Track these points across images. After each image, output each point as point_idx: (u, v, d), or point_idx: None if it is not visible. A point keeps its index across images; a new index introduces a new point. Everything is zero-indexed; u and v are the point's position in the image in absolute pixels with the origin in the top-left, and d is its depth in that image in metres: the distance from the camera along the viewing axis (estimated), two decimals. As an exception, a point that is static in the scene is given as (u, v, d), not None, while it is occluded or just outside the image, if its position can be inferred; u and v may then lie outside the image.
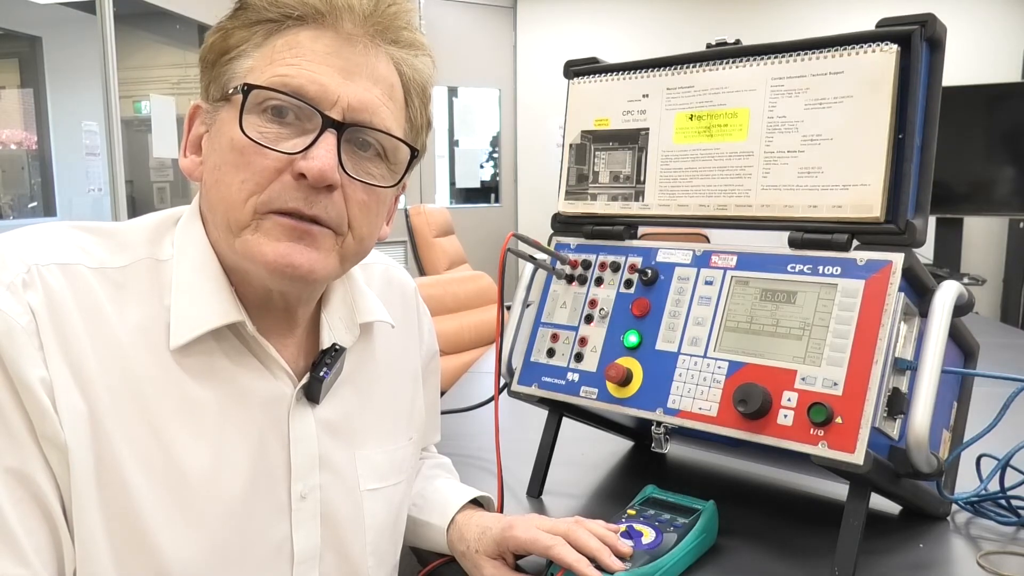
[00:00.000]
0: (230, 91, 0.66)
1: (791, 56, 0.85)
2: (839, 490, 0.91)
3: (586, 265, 0.97)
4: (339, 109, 0.65)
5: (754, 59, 0.87)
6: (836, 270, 0.80)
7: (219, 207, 0.66)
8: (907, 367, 0.78)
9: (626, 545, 0.77)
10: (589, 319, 0.94)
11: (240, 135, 0.64)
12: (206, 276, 0.67)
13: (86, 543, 0.60)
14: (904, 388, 0.78)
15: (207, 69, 0.69)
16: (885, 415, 0.76)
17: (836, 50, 0.82)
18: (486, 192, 6.05)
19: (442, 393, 1.56)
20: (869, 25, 0.81)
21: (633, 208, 0.97)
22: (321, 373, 0.72)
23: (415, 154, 0.72)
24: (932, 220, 2.51)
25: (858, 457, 0.72)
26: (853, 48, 0.81)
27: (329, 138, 0.64)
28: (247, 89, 0.64)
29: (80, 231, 0.67)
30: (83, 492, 0.59)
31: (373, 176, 0.68)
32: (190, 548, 0.63)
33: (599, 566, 0.73)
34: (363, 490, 0.77)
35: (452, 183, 6.02)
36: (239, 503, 0.67)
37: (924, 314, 0.79)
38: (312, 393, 0.72)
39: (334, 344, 0.74)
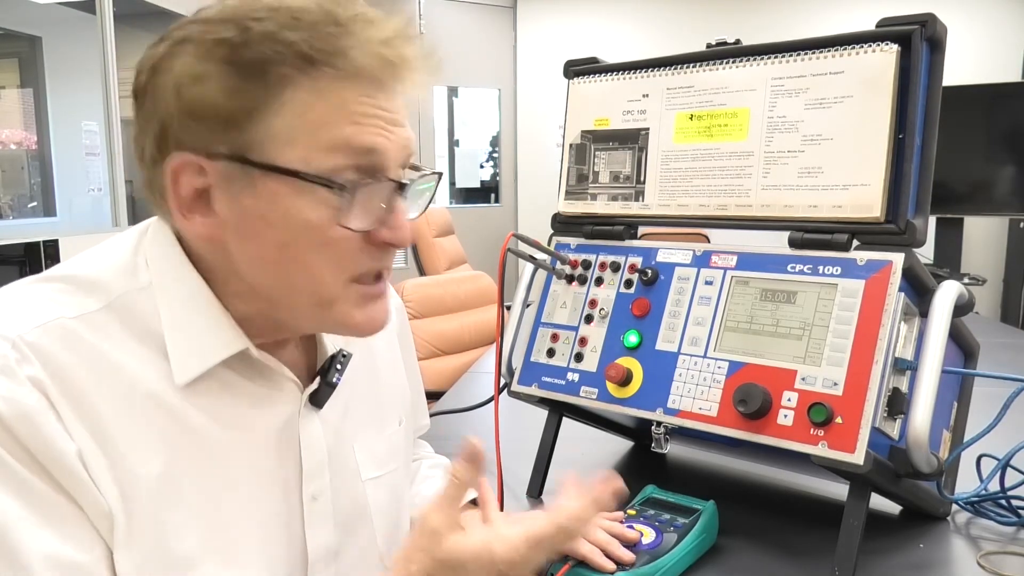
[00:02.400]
0: (301, 174, 0.59)
1: (791, 56, 0.85)
2: (839, 490, 0.91)
3: (586, 265, 0.97)
4: (398, 168, 0.64)
5: (754, 59, 0.87)
6: (836, 270, 0.80)
7: (303, 287, 0.63)
8: (907, 367, 0.78)
9: (633, 532, 0.78)
10: (589, 319, 0.94)
11: (314, 213, 0.60)
12: (198, 307, 0.64)
13: None
14: (904, 388, 0.78)
15: (208, 127, 0.59)
16: (885, 415, 0.76)
17: (836, 50, 0.82)
18: (486, 192, 6.04)
19: (442, 393, 1.56)
20: (869, 25, 0.81)
21: (633, 208, 0.97)
22: (334, 379, 0.72)
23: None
24: (932, 220, 2.50)
25: (858, 457, 0.72)
26: (853, 48, 0.81)
27: (401, 201, 0.64)
28: (352, 187, 0.60)
29: (44, 283, 0.62)
30: (119, 550, 0.58)
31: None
32: (217, 567, 0.63)
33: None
34: (365, 480, 0.77)
35: (452, 183, 6.01)
36: (254, 514, 0.66)
37: (924, 314, 0.79)
38: (319, 399, 0.72)
39: (341, 350, 0.74)
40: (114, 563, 0.58)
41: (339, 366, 0.73)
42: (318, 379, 0.72)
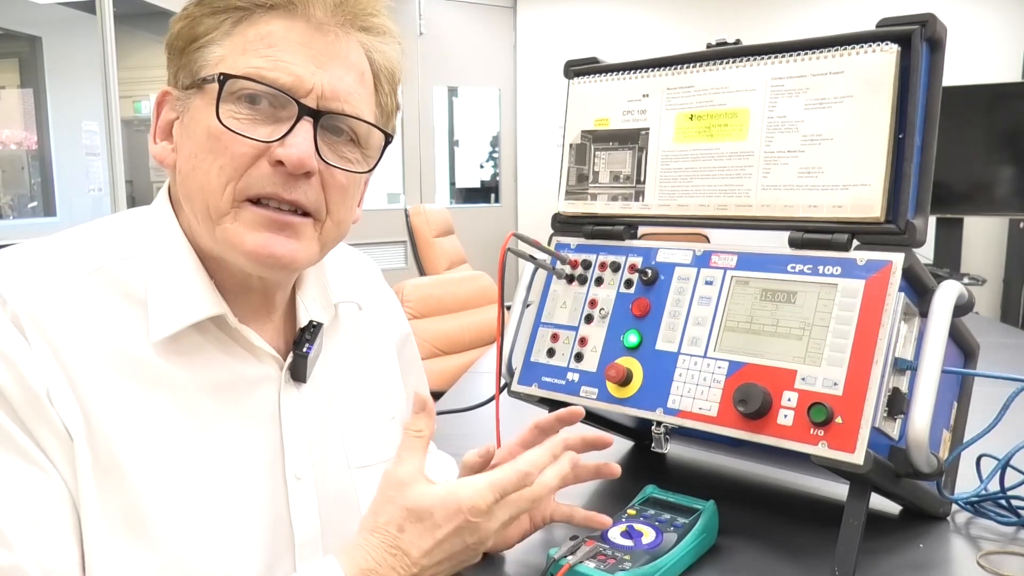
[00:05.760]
0: (203, 79, 0.66)
1: (791, 56, 0.85)
2: (839, 490, 0.91)
3: (586, 265, 0.97)
4: (313, 97, 0.65)
5: (754, 59, 0.87)
6: (836, 270, 0.80)
7: (197, 195, 0.66)
8: (907, 367, 0.78)
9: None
10: (589, 319, 0.94)
11: (216, 123, 0.64)
12: (183, 268, 0.67)
13: (86, 538, 0.60)
14: (904, 388, 0.78)
15: (175, 56, 0.68)
16: (885, 415, 0.76)
17: (836, 50, 0.82)
18: (486, 192, 6.04)
19: (442, 393, 1.56)
20: (869, 25, 0.81)
21: (633, 208, 0.97)
22: (304, 349, 0.73)
23: (388, 139, 0.72)
24: (932, 220, 2.50)
25: (858, 457, 0.72)
26: (853, 48, 0.81)
27: (305, 126, 0.65)
28: (224, 79, 0.64)
29: (40, 244, 0.67)
30: (84, 490, 0.60)
31: (348, 161, 0.69)
32: (188, 538, 0.64)
33: (604, 566, 0.74)
34: (353, 468, 0.78)
35: (452, 183, 6.01)
36: (236, 489, 0.67)
37: (924, 314, 0.79)
38: (298, 372, 0.73)
39: (311, 321, 0.75)
40: (78, 507, 0.60)
41: (308, 336, 0.74)
42: (292, 352, 0.73)
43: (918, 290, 0.80)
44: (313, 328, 0.75)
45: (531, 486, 0.65)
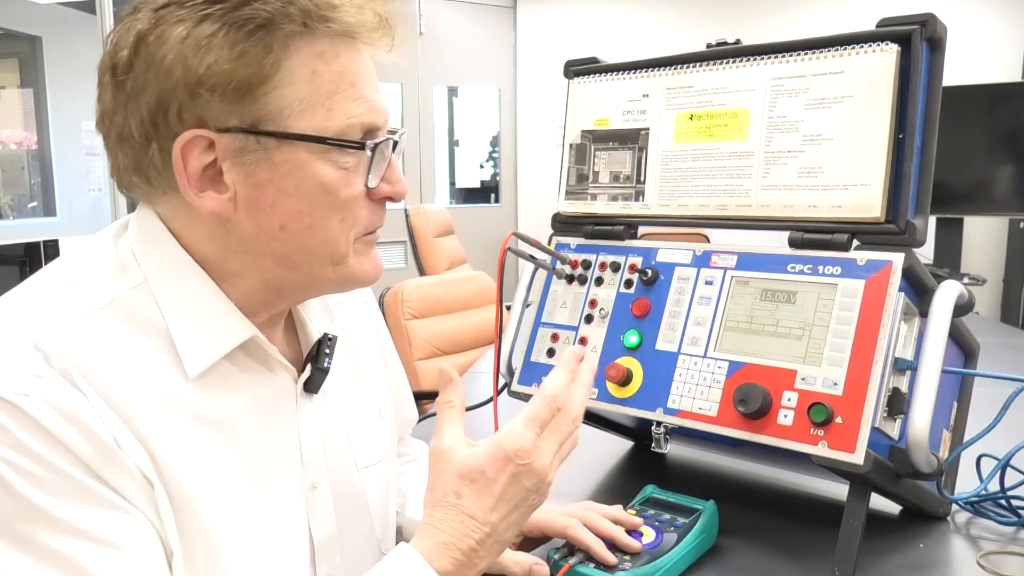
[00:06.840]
0: (318, 138, 0.61)
1: (791, 56, 0.85)
2: (839, 490, 0.91)
3: (586, 265, 0.97)
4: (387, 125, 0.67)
5: (754, 59, 0.87)
6: (836, 270, 0.80)
7: (318, 249, 0.65)
8: (907, 367, 0.78)
9: (639, 523, 0.79)
10: (589, 319, 0.94)
11: (334, 177, 0.62)
12: (203, 297, 0.64)
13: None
14: (904, 388, 0.78)
15: (219, 98, 0.58)
16: (885, 415, 0.76)
17: (836, 50, 0.82)
18: (486, 192, 6.04)
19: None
20: (869, 25, 0.81)
21: (633, 208, 0.97)
22: (325, 364, 0.73)
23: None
24: (932, 220, 2.50)
25: (858, 457, 0.72)
26: (853, 48, 0.81)
27: (393, 157, 0.68)
28: (375, 146, 0.64)
29: (43, 287, 0.62)
30: (169, 533, 0.59)
31: None
32: (252, 567, 0.63)
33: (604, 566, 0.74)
34: (361, 468, 0.79)
35: (452, 183, 6.01)
36: (271, 506, 0.67)
37: (924, 314, 0.79)
38: (313, 384, 0.73)
39: (327, 334, 0.74)
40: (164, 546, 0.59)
41: (327, 350, 0.73)
42: (309, 365, 0.73)
43: (918, 290, 0.80)
44: (330, 341, 0.74)
45: (564, 409, 0.65)
